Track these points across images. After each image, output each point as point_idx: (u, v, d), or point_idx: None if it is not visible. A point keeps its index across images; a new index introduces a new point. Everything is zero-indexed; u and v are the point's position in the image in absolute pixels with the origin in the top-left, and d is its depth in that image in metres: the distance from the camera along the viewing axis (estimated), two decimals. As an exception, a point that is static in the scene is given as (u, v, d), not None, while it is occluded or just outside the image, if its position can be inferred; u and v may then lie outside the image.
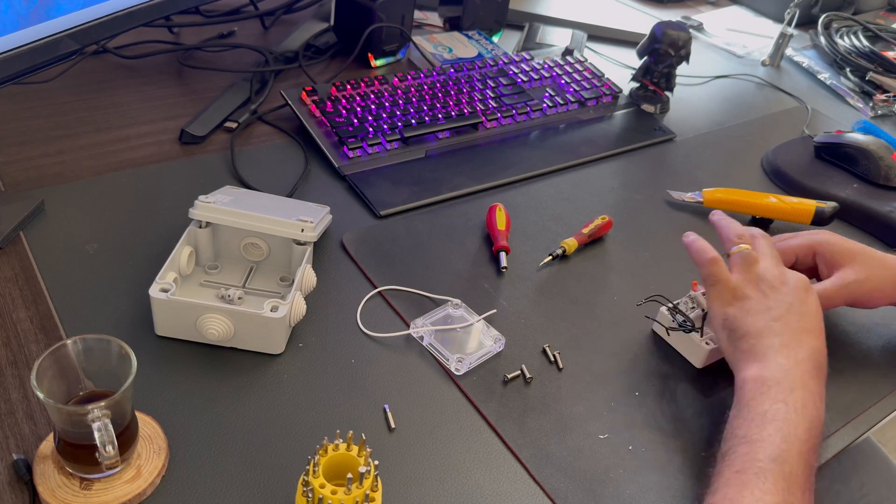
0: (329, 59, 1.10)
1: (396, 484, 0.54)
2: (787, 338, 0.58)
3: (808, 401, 0.54)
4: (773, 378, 0.55)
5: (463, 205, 0.83)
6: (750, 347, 0.58)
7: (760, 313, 0.60)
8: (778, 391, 0.54)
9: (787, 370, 0.55)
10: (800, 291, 0.61)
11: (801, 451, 0.51)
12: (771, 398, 0.54)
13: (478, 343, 0.66)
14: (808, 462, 0.51)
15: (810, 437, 0.52)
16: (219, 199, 0.67)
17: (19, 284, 0.66)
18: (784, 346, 0.57)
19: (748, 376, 0.57)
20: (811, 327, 0.59)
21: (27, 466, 0.51)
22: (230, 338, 0.60)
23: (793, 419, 0.52)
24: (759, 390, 0.55)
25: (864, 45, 1.29)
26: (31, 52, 0.70)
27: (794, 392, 0.54)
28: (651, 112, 1.07)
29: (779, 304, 0.60)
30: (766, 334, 0.58)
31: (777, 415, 0.53)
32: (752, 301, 0.61)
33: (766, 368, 0.56)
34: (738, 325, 0.60)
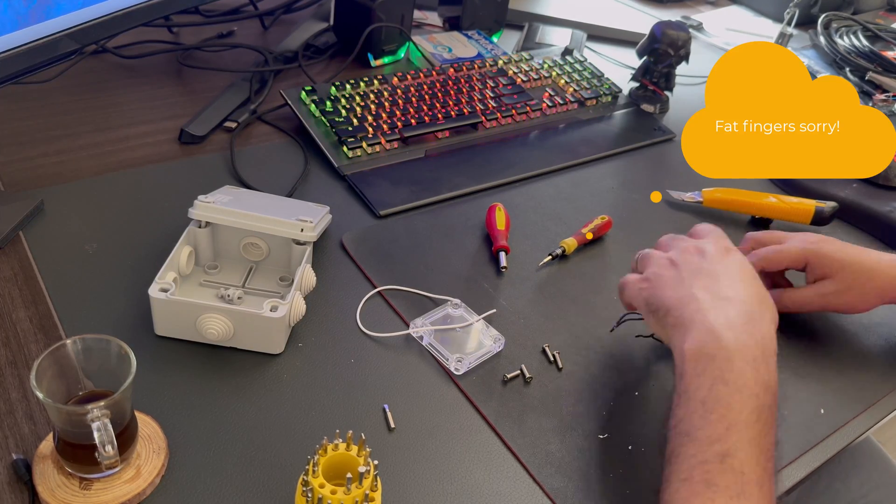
0: (328, 59, 1.10)
1: (396, 484, 0.54)
2: (710, 300, 0.54)
3: (748, 370, 0.49)
4: (707, 351, 0.51)
5: (462, 205, 0.83)
6: (675, 320, 0.54)
7: (676, 284, 0.56)
8: (714, 367, 0.50)
9: (719, 335, 0.51)
10: (716, 252, 0.58)
11: (750, 437, 0.47)
12: (710, 378, 0.50)
13: (477, 343, 0.66)
14: (760, 447, 0.47)
15: (759, 417, 0.48)
16: (218, 198, 0.67)
17: (19, 284, 0.66)
18: (709, 307, 0.53)
19: (684, 351, 0.52)
20: (735, 279, 0.56)
21: (27, 466, 0.51)
22: (230, 338, 0.60)
23: (736, 403, 0.48)
24: (696, 369, 0.51)
25: (863, 44, 1.29)
26: (30, 52, 0.70)
27: (732, 363, 0.50)
28: (651, 112, 1.07)
29: (693, 272, 0.57)
30: (686, 302, 0.54)
31: (719, 401, 0.48)
32: (663, 277, 0.58)
33: (698, 335, 0.52)
34: (658, 303, 0.56)
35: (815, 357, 0.70)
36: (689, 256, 0.58)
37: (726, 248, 0.59)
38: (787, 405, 0.65)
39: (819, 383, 0.67)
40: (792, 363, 0.69)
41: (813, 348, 0.71)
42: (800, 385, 0.67)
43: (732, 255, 0.58)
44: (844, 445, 0.63)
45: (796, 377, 0.68)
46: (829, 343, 0.72)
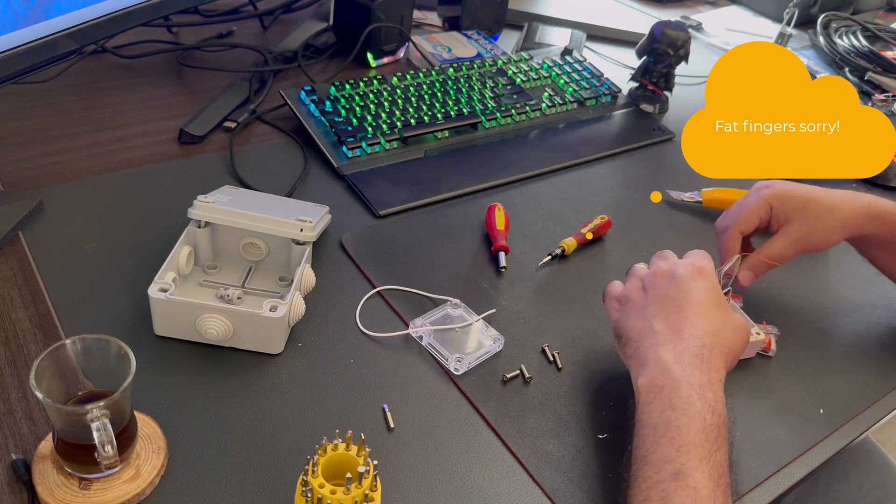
0: (328, 59, 1.10)
1: (395, 484, 0.54)
2: (665, 334, 0.56)
3: (695, 397, 0.52)
4: (657, 382, 0.53)
5: (462, 204, 0.83)
6: (634, 352, 0.57)
7: (640, 313, 0.59)
8: (664, 396, 0.52)
9: (668, 368, 0.54)
10: (684, 278, 0.59)
11: (700, 455, 0.49)
12: (660, 406, 0.52)
13: (477, 343, 0.66)
14: (711, 463, 0.49)
15: (707, 438, 0.50)
16: (218, 198, 0.67)
17: (18, 284, 0.66)
18: (662, 342, 0.55)
19: (638, 385, 0.55)
20: (694, 312, 0.57)
21: (26, 466, 0.51)
22: (229, 338, 0.60)
23: (684, 426, 0.50)
24: (647, 399, 0.53)
25: (862, 44, 1.29)
26: (29, 52, 0.70)
27: (678, 391, 0.52)
28: (650, 112, 1.07)
29: (656, 300, 0.58)
30: (644, 335, 0.57)
31: (669, 424, 0.51)
32: (632, 303, 0.60)
33: (650, 371, 0.54)
34: (623, 331, 0.59)
35: (815, 357, 0.70)
36: (658, 281, 0.60)
37: (698, 270, 0.59)
38: (786, 405, 0.65)
39: (818, 383, 0.67)
40: (791, 364, 0.69)
41: (812, 348, 0.71)
42: (799, 385, 0.67)
43: (701, 281, 0.59)
44: (844, 445, 0.63)
45: (796, 378, 0.68)
46: (829, 343, 0.72)
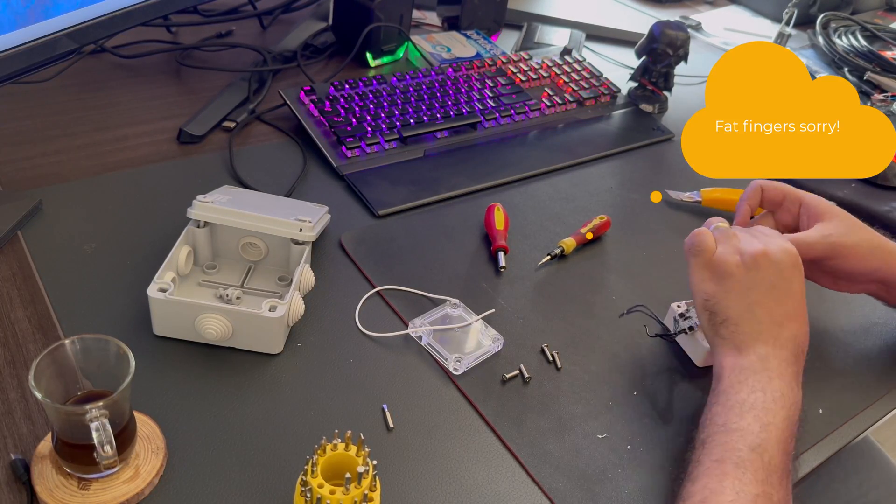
0: (327, 59, 1.10)
1: (395, 484, 0.54)
2: (767, 325, 0.57)
3: (786, 389, 0.54)
4: (752, 367, 0.56)
5: (461, 204, 0.83)
6: (730, 334, 0.58)
7: (741, 295, 0.58)
8: (756, 380, 0.55)
9: (766, 359, 0.56)
10: (784, 268, 0.59)
11: (780, 438, 0.52)
12: (749, 387, 0.54)
13: (476, 343, 0.66)
14: (785, 450, 0.52)
15: (789, 426, 0.53)
16: (217, 198, 0.67)
17: (17, 284, 0.66)
18: (764, 332, 0.57)
19: (727, 364, 0.57)
20: (793, 311, 0.58)
21: (25, 466, 0.51)
22: (228, 338, 0.60)
23: (771, 408, 0.53)
24: (738, 378, 0.55)
25: (862, 44, 1.29)
26: (28, 52, 0.69)
27: (772, 381, 0.55)
28: (649, 112, 1.07)
29: (760, 284, 0.58)
30: (746, 320, 0.58)
31: (756, 403, 0.53)
32: (732, 280, 0.59)
33: (746, 358, 0.56)
34: (719, 309, 0.59)
35: (814, 357, 0.70)
36: (761, 262, 0.59)
37: (794, 265, 0.60)
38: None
39: (817, 383, 0.67)
40: (791, 363, 0.69)
41: (811, 348, 0.71)
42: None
43: (797, 275, 0.60)
44: (843, 445, 0.63)
45: (795, 377, 0.68)
46: (828, 343, 0.72)
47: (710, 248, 0.60)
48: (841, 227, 0.66)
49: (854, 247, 0.66)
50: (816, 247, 0.65)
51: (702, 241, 0.61)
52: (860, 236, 0.67)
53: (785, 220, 0.69)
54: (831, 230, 0.66)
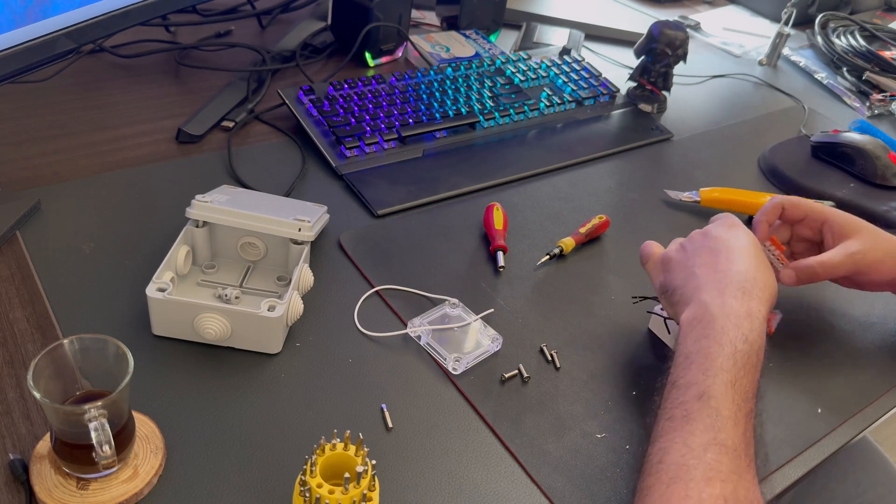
0: (326, 59, 1.10)
1: (394, 483, 0.54)
2: (707, 276, 0.59)
3: (729, 325, 0.54)
4: (697, 316, 0.56)
5: (460, 204, 0.83)
6: (679, 298, 0.60)
7: (682, 268, 0.62)
8: (700, 327, 0.55)
9: (707, 304, 0.57)
10: (719, 230, 0.63)
11: (727, 381, 0.51)
12: (694, 337, 0.55)
13: (475, 342, 0.66)
14: (738, 390, 0.51)
15: (735, 364, 0.52)
16: (216, 198, 0.67)
17: (16, 284, 0.66)
18: (705, 283, 0.59)
19: (681, 322, 0.58)
20: (733, 255, 0.60)
21: (24, 466, 0.51)
22: (227, 337, 0.60)
23: (714, 351, 0.53)
24: (685, 332, 0.56)
25: (860, 44, 1.29)
26: (27, 51, 0.69)
27: (714, 322, 0.55)
28: (648, 111, 1.07)
29: (697, 252, 0.62)
30: (687, 280, 0.60)
31: (700, 352, 0.54)
32: (674, 261, 0.63)
33: (693, 308, 0.58)
34: (668, 285, 0.62)
35: (813, 356, 0.70)
36: (695, 237, 0.64)
37: (730, 225, 0.64)
38: (784, 404, 0.65)
39: (816, 382, 0.68)
40: (789, 363, 0.69)
41: (810, 348, 0.71)
42: (797, 384, 0.67)
43: (735, 231, 0.63)
44: (841, 445, 0.63)
45: (793, 377, 0.68)
46: (827, 342, 0.72)
47: (655, 251, 0.66)
48: (866, 244, 0.67)
49: (879, 262, 0.67)
50: (841, 268, 0.67)
51: (646, 250, 0.67)
52: (885, 250, 0.67)
53: (804, 233, 0.70)
54: (856, 248, 0.66)
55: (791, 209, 0.69)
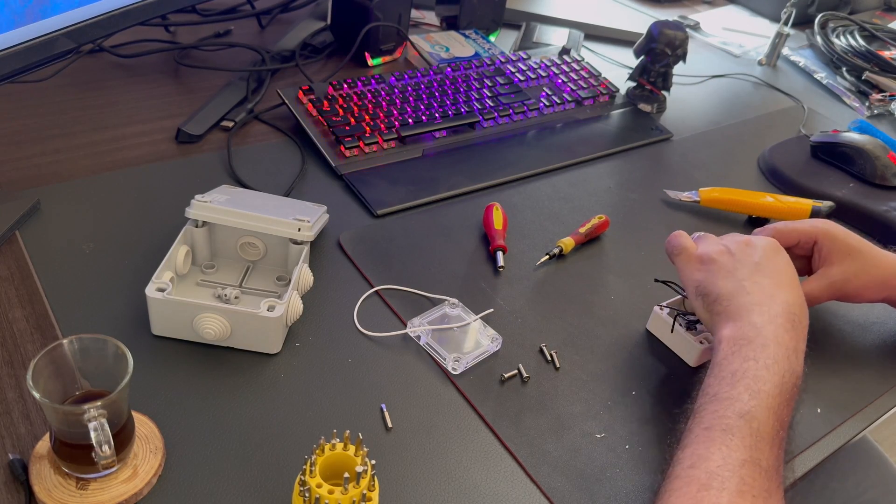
0: (326, 59, 1.10)
1: (393, 483, 0.54)
2: (759, 295, 0.58)
3: (781, 355, 0.54)
4: (746, 336, 0.55)
5: (460, 204, 0.83)
6: (723, 309, 0.59)
7: (730, 274, 0.60)
8: (750, 349, 0.55)
9: (760, 327, 0.56)
10: (768, 250, 0.61)
11: (771, 406, 0.51)
12: (742, 356, 0.54)
13: (475, 342, 0.66)
14: (778, 417, 0.52)
15: (782, 392, 0.52)
16: (215, 198, 0.67)
17: (15, 284, 0.66)
18: (756, 303, 0.57)
19: (724, 335, 0.57)
20: (783, 282, 0.59)
21: (23, 466, 0.51)
22: (227, 337, 0.60)
23: (763, 376, 0.53)
24: (732, 349, 0.55)
25: (860, 44, 1.29)
26: (26, 51, 0.69)
27: (766, 348, 0.54)
28: (648, 111, 1.07)
29: (746, 263, 0.60)
30: (737, 294, 0.58)
31: (747, 372, 0.53)
32: (718, 264, 0.61)
33: (740, 328, 0.56)
34: (710, 290, 0.60)
35: (812, 357, 0.70)
36: (744, 247, 0.62)
37: (777, 248, 0.62)
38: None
39: (816, 382, 0.68)
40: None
41: (810, 348, 0.71)
42: (797, 384, 0.67)
43: (781, 255, 0.62)
44: (841, 444, 0.63)
45: (793, 376, 0.68)
46: (826, 343, 0.72)
47: (691, 246, 0.64)
48: (849, 270, 0.67)
49: (862, 288, 0.67)
50: (821, 297, 0.68)
51: (680, 242, 0.64)
52: (871, 275, 0.67)
53: (799, 254, 0.70)
54: (836, 275, 0.67)
55: (783, 238, 0.68)
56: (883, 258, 0.68)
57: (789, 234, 0.69)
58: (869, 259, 0.68)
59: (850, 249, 0.67)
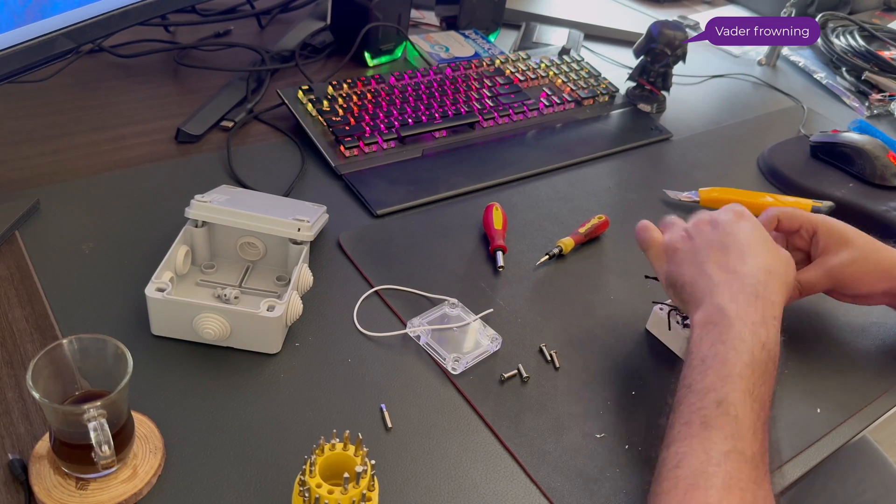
0: (325, 59, 1.10)
1: (393, 483, 0.54)
2: (719, 275, 0.58)
3: (746, 332, 0.54)
4: (711, 320, 0.55)
5: (460, 204, 0.83)
6: (689, 295, 0.59)
7: (692, 260, 0.61)
8: (716, 332, 0.54)
9: (722, 308, 0.55)
10: (730, 222, 0.61)
11: (745, 388, 0.51)
12: (710, 341, 0.54)
13: (474, 342, 0.66)
14: (756, 397, 0.51)
15: (754, 371, 0.52)
16: (215, 198, 0.66)
17: (15, 284, 0.66)
18: (717, 284, 0.57)
19: (694, 322, 0.57)
20: (746, 251, 0.59)
21: (23, 466, 0.51)
22: (226, 337, 0.60)
23: (731, 359, 0.52)
24: (701, 336, 0.55)
25: (860, 44, 1.29)
26: (26, 51, 0.69)
27: (731, 328, 0.54)
28: (647, 111, 1.07)
29: (705, 245, 0.61)
30: (698, 279, 0.59)
31: (716, 357, 0.53)
32: (681, 252, 0.62)
33: (706, 311, 0.56)
34: (677, 279, 0.61)
35: (812, 357, 0.70)
36: (702, 227, 0.62)
37: (738, 214, 0.62)
38: (783, 404, 0.65)
39: (815, 382, 0.68)
40: (789, 363, 0.69)
41: (810, 348, 0.71)
42: (796, 384, 0.67)
43: (744, 221, 0.62)
44: (841, 444, 0.63)
45: (793, 376, 0.68)
46: (826, 343, 0.72)
47: (658, 238, 0.65)
48: (846, 258, 0.67)
49: (862, 275, 0.67)
50: (818, 285, 0.67)
51: (647, 236, 0.65)
52: (869, 264, 0.67)
53: (799, 244, 0.70)
54: (835, 263, 0.67)
55: (786, 221, 0.68)
56: (882, 249, 0.68)
57: (792, 217, 0.69)
58: (868, 249, 0.67)
59: (849, 239, 0.67)
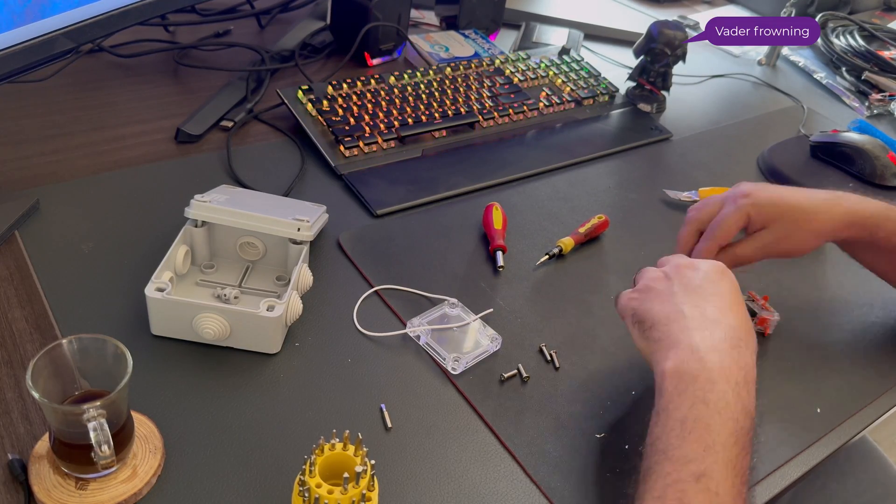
0: (325, 58, 1.10)
1: (393, 483, 0.54)
2: (699, 320, 0.53)
3: (730, 394, 0.49)
4: (690, 372, 0.50)
5: (459, 204, 0.83)
6: (661, 335, 0.53)
7: (667, 298, 0.55)
8: (697, 388, 0.49)
9: (703, 357, 0.50)
10: (711, 273, 0.57)
11: (727, 459, 0.46)
12: (690, 399, 0.49)
13: (474, 342, 0.66)
14: (736, 469, 0.47)
15: (738, 440, 0.48)
16: (215, 198, 0.66)
17: (14, 284, 0.65)
18: (696, 328, 0.52)
19: (665, 369, 0.51)
20: (726, 306, 0.54)
21: (22, 466, 0.51)
22: (226, 337, 0.60)
23: (716, 425, 0.47)
24: (678, 389, 0.50)
25: (860, 44, 1.29)
26: (25, 51, 0.69)
27: (714, 386, 0.49)
28: (647, 111, 1.07)
29: (684, 288, 0.55)
30: (675, 318, 0.53)
31: (698, 421, 0.48)
32: (654, 290, 0.57)
33: (682, 359, 0.51)
34: (645, 316, 0.56)
35: (812, 357, 0.70)
36: (683, 271, 0.57)
37: (721, 271, 0.57)
38: (783, 404, 0.65)
39: (815, 383, 0.68)
40: (788, 363, 0.69)
41: (809, 348, 0.71)
42: (796, 384, 0.67)
43: (726, 278, 0.57)
44: (841, 445, 0.63)
45: (792, 377, 0.68)
46: (826, 343, 0.72)
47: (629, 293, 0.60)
48: (779, 233, 0.67)
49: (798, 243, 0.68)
50: (753, 257, 0.68)
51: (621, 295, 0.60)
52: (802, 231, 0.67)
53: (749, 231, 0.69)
54: (767, 237, 0.67)
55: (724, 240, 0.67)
56: (814, 208, 0.67)
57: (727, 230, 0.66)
58: (801, 213, 0.67)
59: (782, 211, 0.67)
